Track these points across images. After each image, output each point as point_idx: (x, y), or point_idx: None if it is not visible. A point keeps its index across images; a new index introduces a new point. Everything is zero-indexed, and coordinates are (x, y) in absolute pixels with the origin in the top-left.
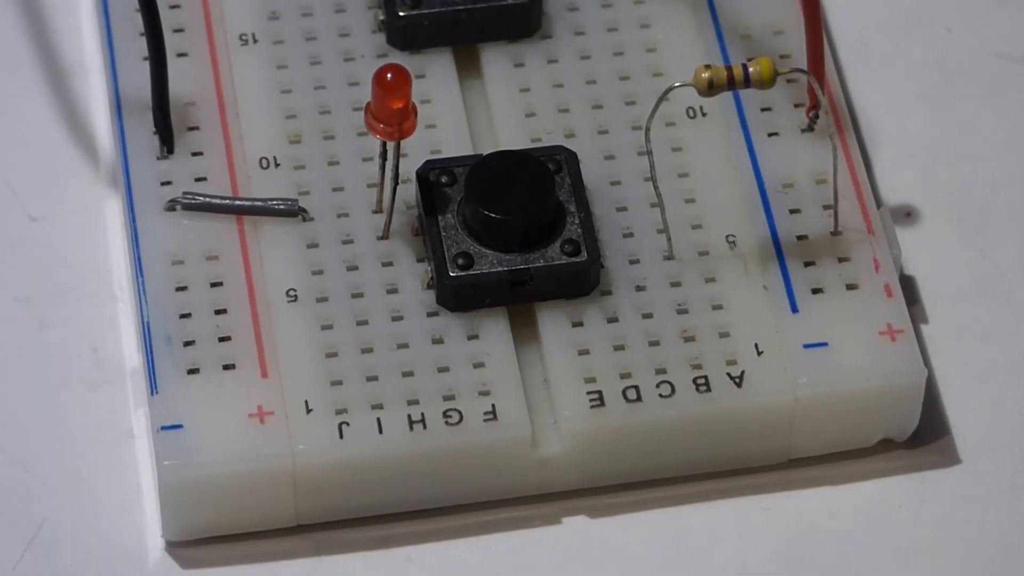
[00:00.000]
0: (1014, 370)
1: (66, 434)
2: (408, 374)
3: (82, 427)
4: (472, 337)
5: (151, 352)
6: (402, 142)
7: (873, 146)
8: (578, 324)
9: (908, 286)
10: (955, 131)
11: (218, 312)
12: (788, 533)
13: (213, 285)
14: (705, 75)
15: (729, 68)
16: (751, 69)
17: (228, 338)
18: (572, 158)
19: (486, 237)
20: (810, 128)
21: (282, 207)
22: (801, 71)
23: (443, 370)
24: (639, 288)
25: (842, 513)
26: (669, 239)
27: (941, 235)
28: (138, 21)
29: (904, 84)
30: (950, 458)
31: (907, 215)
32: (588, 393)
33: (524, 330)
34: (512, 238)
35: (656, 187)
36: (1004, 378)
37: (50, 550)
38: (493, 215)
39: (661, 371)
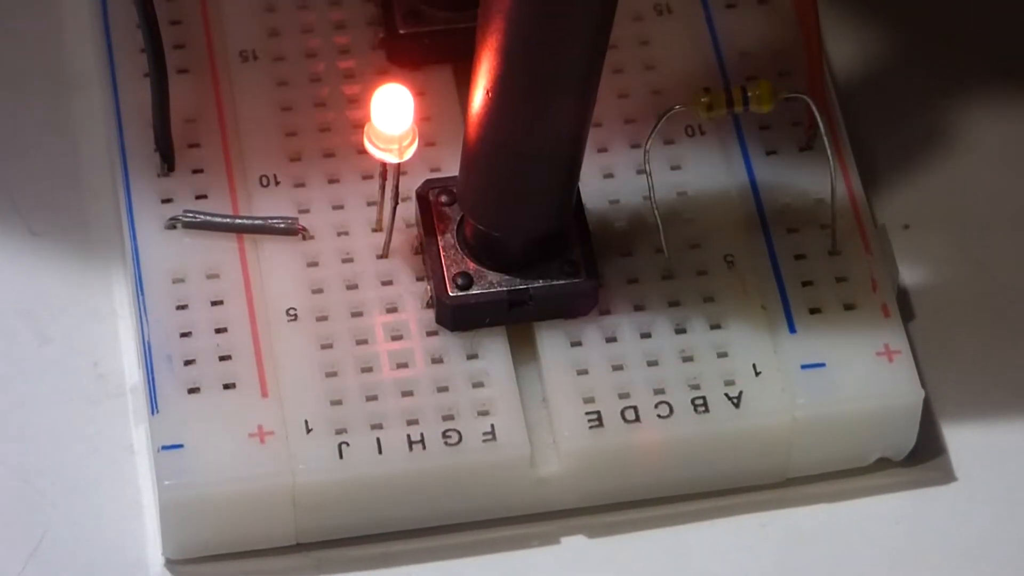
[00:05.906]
0: (1010, 388)
1: (67, 449)
2: (408, 393)
3: (83, 442)
4: (471, 357)
5: (151, 371)
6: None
7: (871, 165)
8: (577, 344)
9: (905, 304)
10: (952, 147)
11: (218, 331)
12: (786, 550)
13: (214, 303)
14: (704, 99)
15: (728, 91)
16: (750, 93)
17: (228, 357)
18: None
19: (485, 257)
20: (808, 146)
21: (282, 225)
22: (800, 94)
23: (442, 390)
24: (637, 308)
25: (839, 530)
26: (668, 259)
27: (939, 253)
28: (139, 37)
29: (902, 101)
30: (946, 475)
31: (905, 227)
32: (587, 413)
33: (523, 350)
34: (511, 258)
35: (655, 208)
36: (1000, 395)
37: (50, 564)
38: (492, 235)
39: (659, 391)
